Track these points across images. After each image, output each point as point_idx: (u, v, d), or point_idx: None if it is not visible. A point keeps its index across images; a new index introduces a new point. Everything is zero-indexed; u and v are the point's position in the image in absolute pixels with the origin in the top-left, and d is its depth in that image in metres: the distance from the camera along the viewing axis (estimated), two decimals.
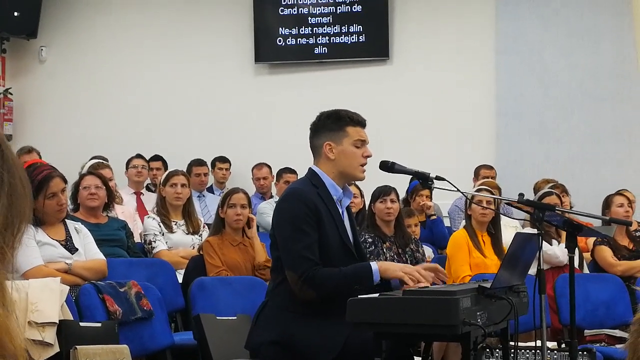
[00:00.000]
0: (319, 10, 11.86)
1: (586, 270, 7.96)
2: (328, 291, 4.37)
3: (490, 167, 10.55)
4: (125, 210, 8.46)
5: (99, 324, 5.33)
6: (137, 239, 7.65)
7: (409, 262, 7.07)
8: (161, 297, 6.06)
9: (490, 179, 9.62)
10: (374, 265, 4.45)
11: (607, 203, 8.54)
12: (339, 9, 11.81)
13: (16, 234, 1.34)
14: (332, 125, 4.67)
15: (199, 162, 10.83)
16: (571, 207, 9.01)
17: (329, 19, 11.82)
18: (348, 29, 11.78)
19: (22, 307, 4.82)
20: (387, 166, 4.74)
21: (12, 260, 1.35)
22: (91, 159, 9.31)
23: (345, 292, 4.08)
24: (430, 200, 9.50)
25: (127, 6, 12.42)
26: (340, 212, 4.65)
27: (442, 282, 4.73)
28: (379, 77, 11.76)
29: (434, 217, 9.31)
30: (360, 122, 4.71)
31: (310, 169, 4.71)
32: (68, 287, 5.29)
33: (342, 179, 4.68)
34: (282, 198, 4.69)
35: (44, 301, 4.94)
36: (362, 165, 4.68)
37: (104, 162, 9.01)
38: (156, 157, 10.89)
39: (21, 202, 1.32)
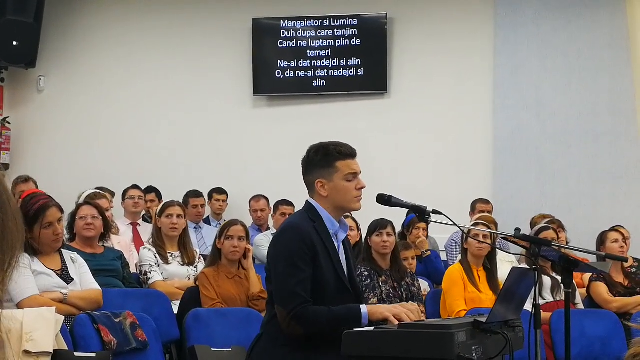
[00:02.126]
0: (317, 43, 11.91)
1: (580, 306, 7.95)
2: (315, 330, 4.34)
3: (487, 202, 10.55)
4: (121, 241, 8.45)
5: (93, 354, 5.32)
6: (132, 269, 7.63)
7: (404, 295, 7.07)
8: (156, 328, 6.05)
9: (487, 214, 9.61)
10: (364, 308, 4.41)
11: (602, 239, 8.53)
12: (338, 42, 11.86)
13: (7, 270, 1.33)
14: (321, 161, 4.59)
15: (195, 194, 10.83)
16: (567, 243, 9.01)
17: (328, 52, 11.87)
18: (347, 62, 11.82)
19: (16, 337, 4.81)
20: (384, 199, 4.74)
21: (2, 296, 1.35)
22: (96, 189, 9.29)
23: (333, 331, 4.05)
24: (427, 234, 9.49)
25: (126, 37, 12.46)
26: (337, 246, 4.63)
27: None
28: (377, 110, 11.80)
29: (428, 253, 9.28)
30: (349, 154, 4.62)
31: (307, 202, 4.66)
32: (63, 317, 5.29)
33: (338, 213, 4.64)
34: (279, 232, 4.63)
35: (38, 331, 4.93)
36: (357, 197, 4.62)
37: (100, 192, 8.99)
38: (150, 189, 10.88)
39: (13, 239, 1.32)
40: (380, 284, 7.05)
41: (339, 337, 3.94)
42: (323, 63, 11.89)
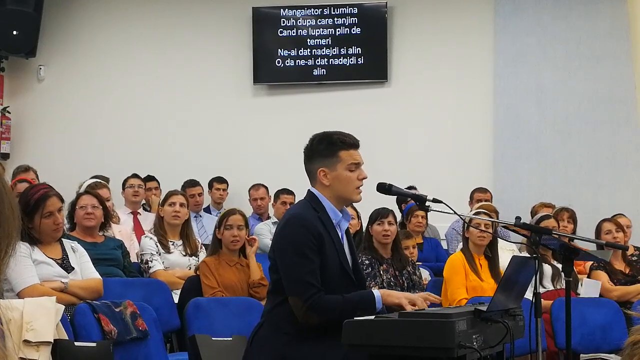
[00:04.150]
0: (318, 32, 11.90)
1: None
2: (331, 318, 4.36)
3: (486, 190, 10.53)
4: (122, 230, 8.45)
5: (94, 344, 5.31)
6: (133, 258, 7.64)
7: (405, 284, 7.07)
8: (157, 317, 6.04)
9: (487, 203, 9.59)
10: (377, 292, 4.45)
11: (598, 230, 8.53)
12: (338, 31, 11.84)
13: (3, 258, 1.33)
14: (324, 150, 4.63)
15: (192, 183, 10.83)
16: (574, 232, 9.00)
17: (328, 41, 11.86)
18: (347, 51, 11.81)
19: (17, 326, 4.81)
20: (384, 188, 4.74)
21: (0, 285, 1.35)
22: (92, 177, 9.29)
23: (347, 318, 4.06)
24: (426, 222, 9.51)
25: (125, 26, 12.45)
26: (340, 236, 4.64)
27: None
28: (377, 99, 11.79)
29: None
30: (353, 145, 4.67)
31: (309, 191, 4.68)
32: (63, 307, 5.27)
33: (339, 202, 4.67)
34: (284, 224, 4.63)
35: (39, 320, 4.92)
36: (358, 187, 4.65)
37: (101, 181, 8.99)
38: (150, 177, 10.86)
39: (9, 226, 1.31)
40: (382, 272, 7.05)
41: (339, 326, 3.94)
42: (323, 52, 11.88)
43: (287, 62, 11.95)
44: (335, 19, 11.87)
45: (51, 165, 11.28)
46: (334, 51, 11.84)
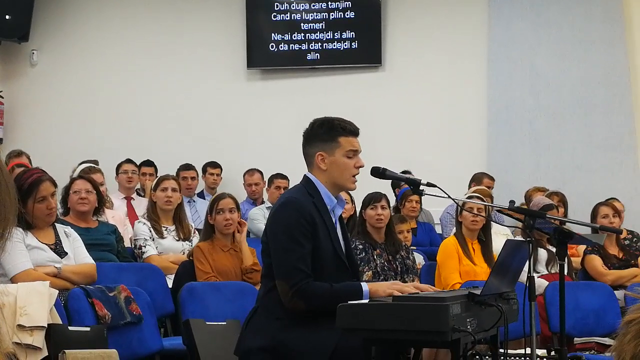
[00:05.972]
0: (311, 16, 11.86)
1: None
2: (317, 305, 4.36)
3: (491, 178, 10.40)
4: (115, 215, 8.44)
5: (87, 328, 5.32)
6: (127, 243, 7.63)
7: (399, 269, 7.06)
8: (150, 302, 6.05)
9: (482, 187, 9.56)
10: (365, 286, 4.44)
11: (594, 213, 8.52)
12: (332, 15, 11.81)
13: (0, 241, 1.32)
14: (324, 135, 4.63)
15: (186, 167, 10.80)
16: (565, 216, 9.00)
17: (322, 25, 11.83)
18: (341, 35, 11.78)
19: (10, 311, 4.80)
20: (379, 172, 4.74)
21: None
22: (81, 163, 9.29)
23: (334, 307, 4.05)
24: (420, 207, 9.50)
25: (119, 11, 12.41)
26: (334, 222, 4.64)
27: None
28: (371, 83, 11.76)
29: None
30: (353, 132, 4.67)
31: (305, 176, 4.68)
32: (57, 291, 5.28)
33: (334, 189, 4.67)
34: (278, 207, 4.62)
35: (32, 305, 4.93)
36: (354, 175, 4.65)
37: (95, 166, 8.99)
38: (148, 162, 10.86)
39: (5, 210, 1.30)
40: (375, 257, 7.05)
41: (333, 310, 3.94)
42: (317, 36, 11.85)
43: (281, 47, 11.93)
44: (329, 3, 11.83)
45: (44, 150, 11.27)
46: (328, 35, 11.82)
